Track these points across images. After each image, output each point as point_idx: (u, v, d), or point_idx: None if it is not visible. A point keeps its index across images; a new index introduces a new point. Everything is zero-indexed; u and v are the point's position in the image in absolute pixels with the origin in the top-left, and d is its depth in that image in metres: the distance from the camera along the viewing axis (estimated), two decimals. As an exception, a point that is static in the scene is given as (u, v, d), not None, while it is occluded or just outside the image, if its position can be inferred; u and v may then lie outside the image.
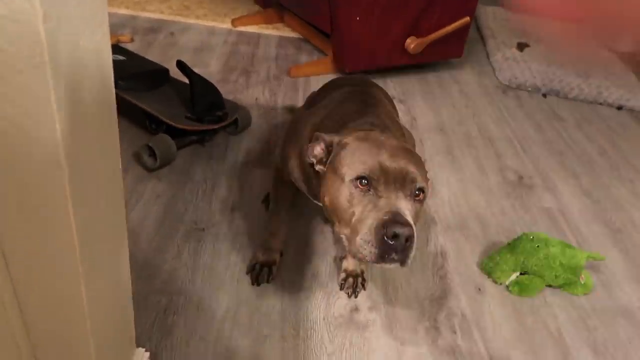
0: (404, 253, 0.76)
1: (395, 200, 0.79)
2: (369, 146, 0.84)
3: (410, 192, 0.81)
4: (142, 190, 1.38)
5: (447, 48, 2.23)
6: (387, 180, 0.79)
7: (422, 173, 0.84)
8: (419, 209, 0.83)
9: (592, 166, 1.79)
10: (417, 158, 0.87)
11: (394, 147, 0.84)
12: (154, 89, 1.58)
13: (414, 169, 0.81)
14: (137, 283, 1.12)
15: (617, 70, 2.54)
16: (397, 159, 0.81)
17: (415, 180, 0.81)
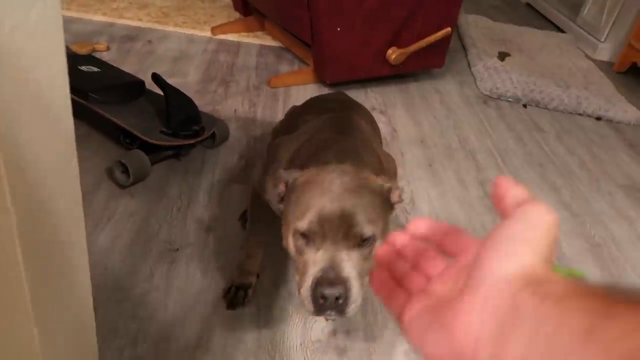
0: (340, 308, 0.73)
1: (334, 254, 0.74)
2: (312, 193, 0.77)
3: (354, 243, 0.75)
4: (114, 208, 1.34)
5: (429, 58, 2.23)
6: (327, 233, 0.74)
7: (372, 217, 0.76)
8: (367, 254, 0.77)
9: (572, 178, 1.79)
10: (368, 200, 0.77)
11: (340, 190, 0.76)
12: (129, 102, 1.54)
13: (361, 215, 0.75)
14: (107, 308, 1.08)
15: (596, 80, 2.56)
16: (341, 205, 0.75)
17: (360, 229, 0.74)
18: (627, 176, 1.86)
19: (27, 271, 0.50)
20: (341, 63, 2.03)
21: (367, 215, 0.75)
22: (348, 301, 0.73)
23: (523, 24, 3.28)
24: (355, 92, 2.14)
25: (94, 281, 1.14)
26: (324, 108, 1.24)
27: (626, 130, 2.21)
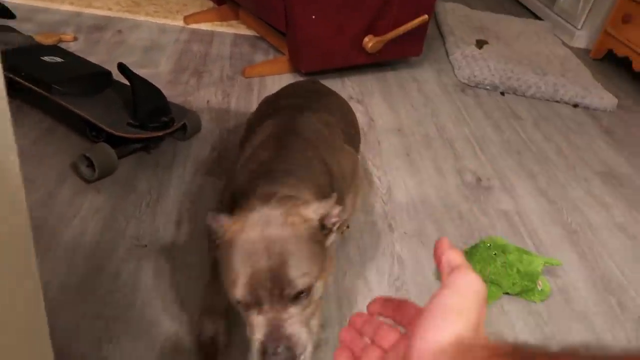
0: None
1: (273, 316, 0.71)
2: (238, 256, 0.72)
3: (292, 299, 0.71)
4: (80, 204, 1.29)
5: (406, 46, 2.19)
6: (262, 298, 0.70)
7: (305, 266, 0.72)
8: (308, 302, 0.74)
9: (549, 165, 1.79)
10: (298, 248, 0.72)
11: (266, 248, 0.71)
12: (95, 94, 1.48)
13: (292, 271, 0.70)
14: (70, 308, 1.04)
15: (573, 67, 2.56)
16: (270, 266, 0.70)
17: (294, 287, 0.70)
18: (603, 163, 1.86)
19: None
20: (316, 52, 1.99)
21: (300, 267, 0.71)
22: (296, 356, 0.71)
23: (501, 12, 3.27)
24: (332, 81, 2.10)
25: (57, 281, 1.09)
26: (296, 96, 1.20)
27: (602, 117, 2.21)
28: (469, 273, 0.37)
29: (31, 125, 1.53)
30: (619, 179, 1.77)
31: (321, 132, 1.07)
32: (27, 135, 1.49)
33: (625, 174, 1.81)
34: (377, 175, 1.57)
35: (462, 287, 0.37)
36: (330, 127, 1.13)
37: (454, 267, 0.39)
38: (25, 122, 1.54)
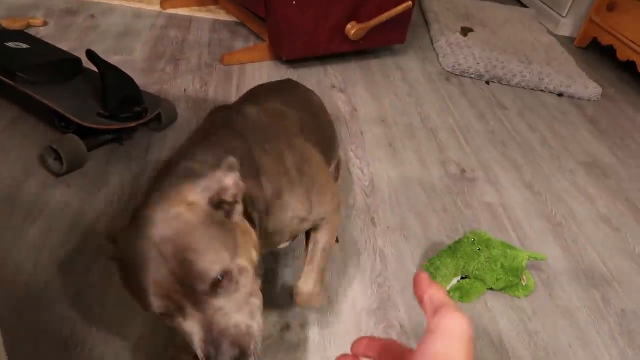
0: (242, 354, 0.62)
1: (201, 316, 0.62)
2: (133, 270, 0.62)
3: (211, 291, 0.62)
4: (48, 199, 1.23)
5: (390, 34, 2.14)
6: (178, 303, 0.62)
7: (209, 253, 0.62)
8: (234, 284, 0.64)
9: (534, 156, 1.76)
10: (193, 238, 0.62)
11: (161, 249, 0.61)
12: (63, 82, 1.40)
13: (196, 263, 0.61)
14: (36, 310, 0.98)
15: (558, 55, 2.54)
16: (170, 270, 0.61)
17: (204, 277, 0.61)
18: (587, 153, 1.85)
19: None
20: (298, 38, 1.92)
21: (202, 258, 0.62)
22: (244, 350, 0.63)
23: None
24: (314, 69, 2.05)
25: (20, 280, 1.04)
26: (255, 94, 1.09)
27: (587, 107, 2.19)
28: (454, 314, 0.36)
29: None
30: (603, 169, 1.76)
31: (260, 123, 0.92)
32: (-9, 126, 1.41)
33: (609, 164, 1.80)
34: (359, 167, 1.53)
35: (449, 331, 0.35)
36: (282, 118, 0.97)
37: (438, 306, 0.37)
38: (-10, 111, 1.46)
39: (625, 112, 2.21)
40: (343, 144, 1.62)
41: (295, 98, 1.10)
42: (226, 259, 0.64)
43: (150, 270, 0.61)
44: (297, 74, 1.98)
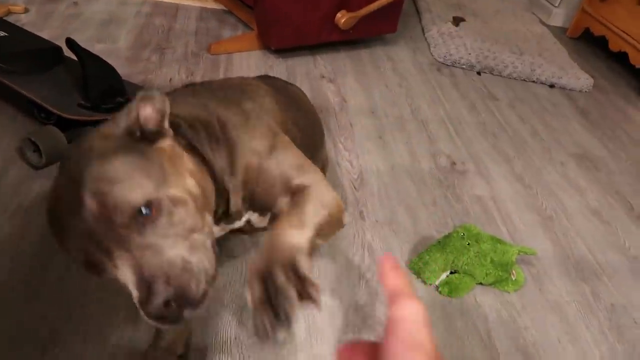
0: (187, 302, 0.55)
1: (130, 258, 0.55)
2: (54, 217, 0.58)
3: (138, 224, 0.55)
4: (26, 192, 1.19)
5: (380, 23, 2.11)
6: (103, 242, 0.55)
7: (129, 182, 0.56)
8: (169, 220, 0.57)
9: (525, 148, 1.75)
10: (108, 168, 0.56)
11: (74, 192, 0.55)
12: (43, 72, 1.36)
13: (112, 194, 0.54)
14: (13, 308, 0.95)
15: (550, 46, 2.51)
16: (88, 205, 0.54)
17: (121, 207, 0.54)
18: (578, 145, 1.83)
19: None
20: (286, 27, 1.88)
21: (118, 188, 0.55)
22: (185, 289, 0.54)
23: (478, -12, 3.19)
24: (303, 59, 2.01)
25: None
26: None
27: (578, 98, 2.18)
28: (408, 302, 0.37)
29: (-26, 106, 1.41)
30: (594, 162, 1.75)
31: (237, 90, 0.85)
32: (-32, 117, 1.37)
33: (599, 157, 1.79)
34: (348, 159, 1.51)
35: (408, 320, 0.36)
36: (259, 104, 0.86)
37: (396, 294, 0.38)
38: (-33, 102, 1.41)
39: (617, 103, 2.19)
40: (332, 136, 1.59)
41: (278, 85, 1.03)
42: (149, 187, 0.56)
43: (70, 214, 0.55)
44: (286, 64, 1.95)
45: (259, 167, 0.74)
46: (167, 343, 0.90)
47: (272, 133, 0.78)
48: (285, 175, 0.74)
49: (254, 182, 0.74)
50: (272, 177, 0.74)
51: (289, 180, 0.74)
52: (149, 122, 0.62)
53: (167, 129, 0.64)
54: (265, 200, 0.75)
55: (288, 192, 0.74)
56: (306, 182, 0.73)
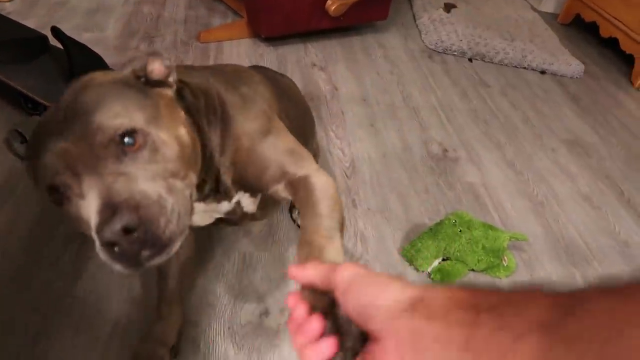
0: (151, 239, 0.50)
1: (98, 185, 0.51)
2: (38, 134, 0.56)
3: (115, 153, 0.52)
4: (15, 184, 1.18)
5: (372, 10, 2.09)
6: (72, 163, 0.52)
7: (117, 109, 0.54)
8: (149, 155, 0.54)
9: (516, 135, 1.75)
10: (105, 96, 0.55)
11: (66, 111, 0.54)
12: (28, 61, 1.34)
13: (98, 113, 0.53)
14: (5, 300, 0.95)
15: (541, 32, 2.51)
16: (70, 120, 0.53)
17: (103, 127, 0.52)
18: (569, 131, 1.84)
19: None
20: (276, 15, 1.87)
21: (105, 110, 0.54)
22: (152, 223, 0.50)
23: (469, -26, 3.17)
24: (294, 47, 1.99)
25: (-15, 271, 0.99)
26: None
27: (569, 84, 2.18)
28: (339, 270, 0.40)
29: (-41, 97, 1.39)
30: (585, 148, 1.76)
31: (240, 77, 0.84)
32: (-46, 108, 1.35)
33: (590, 143, 1.80)
34: (340, 147, 1.50)
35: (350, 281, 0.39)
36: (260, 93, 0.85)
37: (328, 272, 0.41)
38: (-48, 92, 1.39)
39: (607, 89, 2.20)
40: (323, 124, 1.59)
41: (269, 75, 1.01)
42: (138, 118, 0.55)
43: (51, 133, 0.53)
44: (277, 53, 1.93)
45: (251, 149, 0.73)
46: (160, 334, 0.90)
47: (266, 117, 0.77)
48: (279, 160, 0.73)
49: (243, 163, 0.73)
50: (265, 160, 0.73)
51: (284, 166, 0.73)
52: (155, 73, 0.62)
53: (171, 82, 0.65)
54: (257, 183, 0.74)
55: (282, 178, 0.73)
56: (303, 172, 0.73)
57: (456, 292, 0.35)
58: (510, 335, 0.30)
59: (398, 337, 0.35)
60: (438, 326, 0.33)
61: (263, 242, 1.16)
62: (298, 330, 0.42)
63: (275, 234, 1.18)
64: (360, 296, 0.38)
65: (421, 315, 0.34)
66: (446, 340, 0.33)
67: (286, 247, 1.16)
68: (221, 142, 0.71)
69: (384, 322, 0.36)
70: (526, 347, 0.29)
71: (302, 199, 0.69)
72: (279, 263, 1.12)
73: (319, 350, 0.40)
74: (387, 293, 0.37)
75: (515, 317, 0.31)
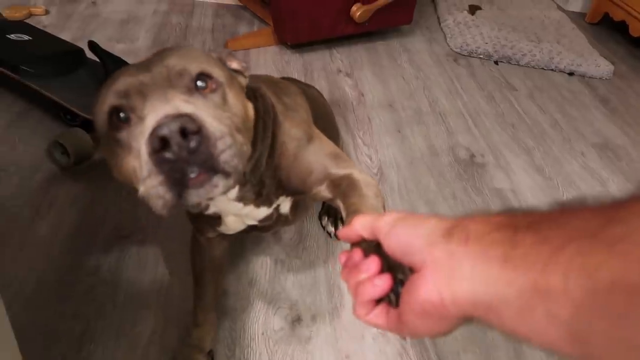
0: (203, 156, 0.50)
1: (163, 106, 0.52)
2: (117, 72, 0.59)
3: (187, 87, 0.56)
4: (56, 194, 1.23)
5: (396, 14, 2.10)
6: (146, 93, 0.54)
7: (200, 59, 0.60)
8: (218, 101, 0.58)
9: (544, 139, 1.74)
10: (188, 49, 0.62)
11: (150, 56, 0.60)
12: (66, 74, 1.39)
13: (179, 58, 0.57)
14: (48, 307, 0.99)
15: (568, 32, 2.48)
16: (152, 62, 0.57)
17: (185, 69, 0.56)
18: (599, 134, 1.81)
19: None
20: (302, 22, 1.89)
21: (191, 56, 0.59)
22: (209, 140, 0.50)
23: (494, -25, 3.14)
24: (319, 53, 2.01)
25: (34, 277, 1.04)
26: None
27: (598, 86, 2.15)
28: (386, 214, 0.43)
29: (2, 109, 1.45)
30: (615, 151, 1.73)
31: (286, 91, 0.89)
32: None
33: (621, 145, 1.77)
34: (367, 154, 1.52)
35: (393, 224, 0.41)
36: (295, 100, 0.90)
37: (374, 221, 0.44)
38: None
39: (638, 90, 2.16)
40: (350, 130, 1.60)
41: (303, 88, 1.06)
42: (215, 70, 0.59)
43: (134, 69, 0.57)
44: (303, 59, 1.96)
45: (297, 154, 0.76)
46: (197, 340, 0.93)
47: (308, 125, 0.81)
48: (323, 163, 0.76)
49: (288, 167, 0.76)
50: (310, 163, 0.76)
51: (327, 168, 0.75)
52: (234, 65, 0.67)
53: (245, 73, 0.69)
54: (301, 185, 0.77)
55: (325, 180, 0.75)
56: (346, 171, 0.75)
57: (493, 217, 0.35)
58: (549, 248, 0.30)
59: (435, 262, 0.36)
60: (475, 247, 0.34)
61: (294, 249, 1.19)
62: (354, 270, 0.44)
63: (306, 241, 1.20)
64: (401, 234, 0.40)
65: (459, 239, 0.35)
66: (484, 260, 0.33)
67: (317, 254, 1.18)
68: (271, 144, 0.74)
69: (422, 251, 0.37)
70: (566, 256, 0.28)
71: (345, 189, 0.72)
72: (310, 270, 1.14)
73: (375, 285, 0.41)
74: (426, 225, 0.38)
75: (555, 231, 0.30)
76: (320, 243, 1.21)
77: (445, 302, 0.35)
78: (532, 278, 0.30)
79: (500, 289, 0.32)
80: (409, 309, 0.38)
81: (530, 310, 0.30)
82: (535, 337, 0.31)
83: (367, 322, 0.44)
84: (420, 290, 0.37)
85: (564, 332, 0.29)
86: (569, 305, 0.28)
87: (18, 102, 1.48)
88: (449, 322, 0.37)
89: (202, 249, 0.93)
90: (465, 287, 0.34)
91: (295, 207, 0.86)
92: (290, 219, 0.87)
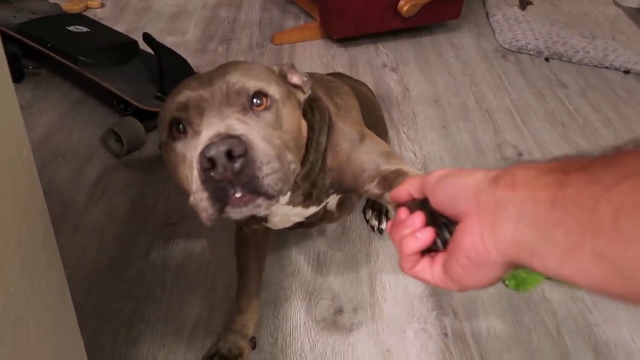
0: (246, 178, 0.53)
1: (217, 124, 0.57)
2: (182, 83, 0.63)
3: (243, 105, 0.59)
4: (109, 180, 1.28)
5: (444, 9, 2.07)
6: (204, 103, 0.58)
7: (260, 76, 0.62)
8: (272, 120, 0.60)
9: (596, 139, 1.67)
10: (253, 68, 0.65)
11: (213, 69, 0.64)
12: (121, 65, 1.44)
13: (241, 74, 0.61)
14: (101, 288, 1.04)
15: (625, 29, 2.37)
16: (213, 77, 0.61)
17: (243, 88, 0.59)
18: (656, 135, 1.74)
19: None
20: (348, 16, 1.89)
21: (246, 73, 0.62)
22: (255, 163, 0.53)
23: (546, -31, 3.05)
24: (365, 47, 2.01)
25: (88, 259, 1.09)
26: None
27: (656, 84, 2.05)
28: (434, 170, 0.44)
29: (59, 97, 1.51)
30: (673, 154, 1.65)
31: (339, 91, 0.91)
32: (55, 108, 1.48)
33: (680, 148, 1.69)
34: (411, 150, 1.51)
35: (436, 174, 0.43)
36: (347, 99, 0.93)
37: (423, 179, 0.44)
38: (53, 94, 1.52)
39: (700, 90, 2.05)
40: (395, 126, 1.59)
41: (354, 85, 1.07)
42: (272, 88, 0.62)
43: (195, 82, 0.61)
44: (348, 54, 1.95)
45: (350, 153, 0.77)
46: (240, 326, 0.95)
47: (359, 124, 0.82)
48: (375, 161, 0.77)
49: (342, 167, 0.77)
50: (363, 162, 0.77)
51: (379, 165, 0.77)
52: (294, 80, 0.70)
53: (305, 90, 0.71)
54: (353, 184, 0.78)
55: (376, 177, 0.77)
56: (396, 167, 0.76)
57: (543, 163, 0.35)
58: (601, 187, 0.29)
59: (480, 209, 0.36)
60: (522, 192, 0.33)
61: (337, 241, 1.19)
62: (400, 225, 0.45)
63: (349, 234, 1.21)
64: (448, 185, 0.40)
65: (505, 185, 0.34)
66: (531, 203, 0.32)
67: (359, 248, 1.18)
68: (327, 147, 0.76)
69: (469, 200, 0.37)
70: (620, 193, 0.27)
71: (394, 180, 0.73)
72: (352, 262, 1.15)
73: (418, 237, 0.42)
74: (473, 175, 0.38)
75: (607, 171, 0.29)
76: (363, 237, 1.21)
77: (488, 248, 0.35)
78: (582, 217, 0.29)
79: (547, 230, 0.31)
80: (453, 259, 0.39)
81: (577, 249, 0.30)
82: (580, 277, 0.30)
83: (412, 274, 0.45)
84: (464, 238, 0.37)
85: (612, 270, 0.28)
86: (619, 243, 0.27)
87: (74, 91, 1.55)
88: (492, 271, 0.37)
89: (247, 239, 0.96)
90: (509, 231, 0.34)
91: (342, 204, 0.88)
92: (335, 215, 0.89)
